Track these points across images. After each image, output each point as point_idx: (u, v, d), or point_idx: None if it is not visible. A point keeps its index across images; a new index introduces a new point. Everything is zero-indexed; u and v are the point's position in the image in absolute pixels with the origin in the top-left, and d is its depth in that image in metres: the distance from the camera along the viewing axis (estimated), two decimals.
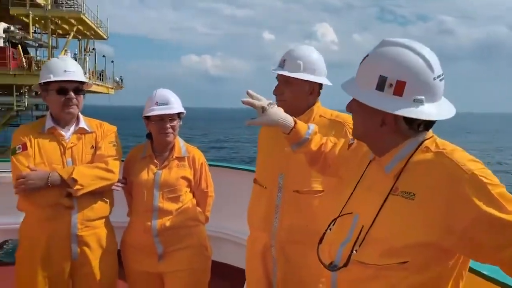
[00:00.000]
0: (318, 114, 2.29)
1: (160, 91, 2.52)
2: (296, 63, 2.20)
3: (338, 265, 1.40)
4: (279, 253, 2.27)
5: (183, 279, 2.53)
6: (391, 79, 1.32)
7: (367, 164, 1.53)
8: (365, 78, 1.37)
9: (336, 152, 1.88)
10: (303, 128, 1.93)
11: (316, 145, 1.93)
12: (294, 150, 1.98)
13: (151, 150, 2.57)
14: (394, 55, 1.34)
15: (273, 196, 2.27)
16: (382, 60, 1.35)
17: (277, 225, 2.26)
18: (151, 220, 2.48)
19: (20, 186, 2.30)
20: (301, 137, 1.92)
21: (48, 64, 2.56)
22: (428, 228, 1.26)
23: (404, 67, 1.32)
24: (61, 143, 2.46)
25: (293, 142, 1.95)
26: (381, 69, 1.33)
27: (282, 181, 2.24)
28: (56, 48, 30.76)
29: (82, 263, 2.45)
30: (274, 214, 2.26)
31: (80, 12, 28.13)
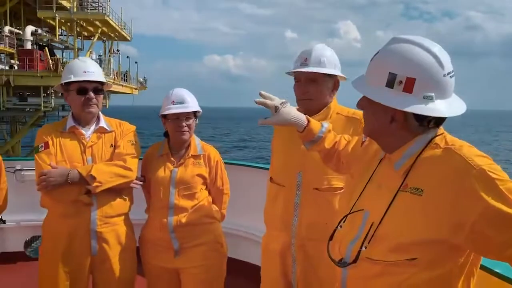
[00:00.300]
0: (335, 111, 2.30)
1: (177, 90, 2.57)
2: (321, 60, 2.22)
3: (348, 262, 1.41)
4: (299, 251, 2.28)
5: (198, 275, 2.58)
6: (400, 76, 1.32)
7: (378, 162, 1.54)
8: (375, 75, 1.38)
9: (349, 150, 1.89)
10: (316, 126, 1.95)
11: (330, 143, 1.94)
12: (308, 148, 2.00)
13: (168, 148, 2.63)
14: (403, 52, 1.34)
15: (292, 194, 2.27)
16: (391, 57, 1.35)
17: (296, 223, 2.27)
18: (167, 217, 2.54)
19: (42, 183, 2.38)
20: (314, 135, 1.95)
21: (69, 65, 2.64)
22: (437, 224, 1.26)
23: (413, 64, 1.32)
24: (81, 141, 2.54)
25: (307, 140, 1.97)
26: (390, 66, 1.34)
27: (301, 179, 2.25)
28: (82, 50, 31.39)
29: (102, 259, 2.52)
30: (293, 212, 2.27)
31: (104, 14, 28.59)
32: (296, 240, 2.28)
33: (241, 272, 3.45)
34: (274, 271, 2.39)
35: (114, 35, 32.58)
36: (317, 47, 2.26)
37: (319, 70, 2.22)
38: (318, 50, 2.25)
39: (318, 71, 2.22)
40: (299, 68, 2.24)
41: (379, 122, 1.42)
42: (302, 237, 2.26)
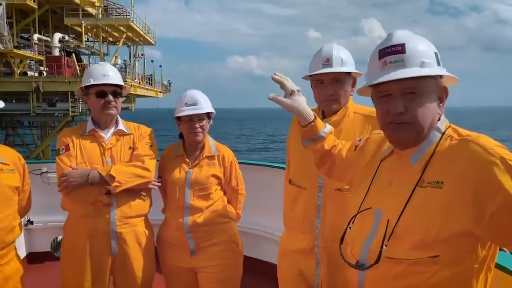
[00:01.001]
0: (352, 110, 2.28)
1: (190, 92, 2.62)
2: (342, 60, 2.20)
3: (366, 263, 1.38)
4: (323, 253, 2.25)
5: (214, 274, 2.61)
6: (437, 53, 1.40)
7: (378, 162, 1.53)
8: (423, 58, 1.36)
9: (342, 155, 1.85)
10: (320, 125, 1.93)
11: (329, 145, 1.91)
12: (305, 145, 1.96)
13: (183, 150, 2.68)
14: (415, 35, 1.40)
15: (314, 196, 2.25)
16: (423, 41, 1.40)
17: (320, 225, 2.24)
18: (183, 217, 2.58)
19: (63, 184, 2.46)
20: (316, 132, 1.91)
21: (88, 69, 2.73)
22: (460, 214, 1.26)
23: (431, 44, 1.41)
24: (101, 144, 2.61)
25: (307, 137, 1.94)
26: (432, 48, 1.40)
27: (323, 181, 2.22)
28: (107, 55, 32.03)
29: (122, 259, 2.57)
30: (315, 214, 2.25)
31: (129, 19, 29.11)
32: (320, 242, 2.25)
33: (259, 271, 3.47)
34: (293, 272, 2.36)
35: (138, 39, 33.12)
36: (335, 47, 2.24)
37: (345, 69, 2.20)
38: (337, 49, 2.23)
39: (344, 71, 2.20)
40: (324, 70, 2.18)
41: (434, 109, 1.39)
42: (326, 238, 2.23)
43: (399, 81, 1.34)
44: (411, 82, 1.34)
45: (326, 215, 2.23)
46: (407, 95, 1.36)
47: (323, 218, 2.24)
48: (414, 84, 1.34)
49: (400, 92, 1.36)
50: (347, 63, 2.22)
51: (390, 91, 1.38)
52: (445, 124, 1.42)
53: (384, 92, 1.40)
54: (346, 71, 2.20)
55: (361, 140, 1.76)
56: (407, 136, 1.38)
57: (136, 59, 33.31)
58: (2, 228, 2.18)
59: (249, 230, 3.45)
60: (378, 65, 1.40)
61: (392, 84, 1.35)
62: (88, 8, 28.07)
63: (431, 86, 1.37)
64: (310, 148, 1.95)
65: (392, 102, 1.37)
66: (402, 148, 1.44)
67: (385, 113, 1.40)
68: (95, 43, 31.91)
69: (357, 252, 1.43)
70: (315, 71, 2.20)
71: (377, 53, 1.41)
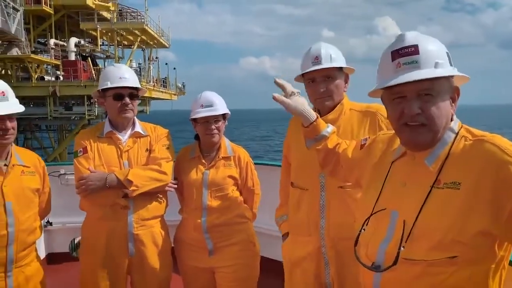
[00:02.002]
0: (348, 108, 2.28)
1: (205, 93, 2.63)
2: (331, 56, 2.22)
3: (383, 265, 1.37)
4: (331, 252, 2.26)
5: (232, 274, 2.63)
6: (448, 53, 1.40)
7: (389, 164, 1.52)
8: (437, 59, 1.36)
9: (348, 155, 1.84)
10: (323, 125, 1.94)
11: (333, 144, 1.92)
12: (309, 146, 1.98)
13: (199, 151, 2.69)
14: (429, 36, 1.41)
15: (316, 196, 2.26)
16: (436, 41, 1.40)
17: (324, 225, 2.25)
18: (200, 218, 2.60)
19: (81, 187, 2.49)
20: (319, 132, 1.93)
21: (105, 72, 2.74)
22: (478, 215, 1.26)
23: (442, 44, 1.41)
24: (118, 146, 2.63)
25: (310, 137, 1.96)
26: (444, 48, 1.40)
27: (324, 180, 2.23)
28: (122, 58, 32.36)
29: (139, 260, 2.60)
30: (319, 215, 2.25)
31: (143, 23, 29.36)
32: (326, 242, 2.26)
33: (275, 271, 3.47)
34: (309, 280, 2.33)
35: (153, 42, 33.39)
36: (323, 45, 2.26)
37: (335, 65, 2.22)
38: (326, 47, 2.25)
39: (334, 66, 2.22)
40: (314, 67, 2.22)
41: (448, 109, 1.39)
42: (332, 237, 2.24)
43: (415, 83, 1.33)
44: (427, 83, 1.33)
45: (330, 214, 2.24)
46: (423, 97, 1.35)
47: (327, 217, 2.24)
48: (429, 85, 1.34)
49: (415, 94, 1.35)
50: (337, 59, 2.24)
51: (405, 93, 1.37)
52: (458, 124, 1.42)
53: (398, 94, 1.38)
54: (335, 66, 2.22)
55: (367, 140, 1.76)
56: (424, 139, 1.37)
57: (150, 62, 33.59)
58: (23, 229, 2.23)
59: (265, 230, 3.46)
60: (391, 66, 1.39)
61: (407, 86, 1.34)
62: (103, 13, 28.42)
63: (445, 86, 1.37)
64: (314, 148, 1.96)
65: (407, 103, 1.36)
66: (417, 150, 1.43)
67: (399, 115, 1.39)
68: (110, 47, 32.29)
69: (373, 254, 1.42)
70: (306, 70, 2.23)
71: (389, 54, 1.40)
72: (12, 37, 23.24)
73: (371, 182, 1.57)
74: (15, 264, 2.22)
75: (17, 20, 23.41)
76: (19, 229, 2.20)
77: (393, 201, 1.44)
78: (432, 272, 1.30)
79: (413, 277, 1.33)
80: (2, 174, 2.21)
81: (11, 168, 2.24)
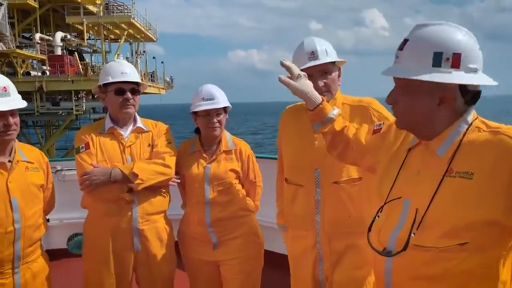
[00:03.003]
0: (341, 101, 2.30)
1: (206, 86, 2.64)
2: (327, 51, 2.25)
3: (394, 251, 1.40)
4: (326, 248, 2.29)
5: (237, 266, 2.66)
6: (446, 53, 1.35)
7: (406, 152, 1.55)
8: (417, 59, 1.38)
9: (360, 139, 1.85)
10: (329, 107, 1.94)
11: (340, 126, 1.92)
12: (316, 129, 1.96)
13: (199, 145, 2.70)
14: (440, 31, 1.38)
15: (311, 192, 2.27)
16: (431, 38, 1.38)
17: (320, 220, 2.27)
18: (204, 212, 2.61)
19: (85, 182, 2.49)
20: (325, 114, 1.92)
21: (106, 67, 2.73)
22: (490, 206, 1.29)
23: (456, 40, 1.37)
24: (120, 142, 2.63)
25: (316, 120, 1.94)
26: (433, 46, 1.36)
27: (319, 176, 2.25)
28: (109, 52, 32.06)
29: (144, 255, 2.60)
30: (315, 210, 2.27)
31: (130, 16, 29.09)
32: (321, 238, 2.29)
33: (277, 264, 3.51)
34: (303, 271, 2.39)
35: (140, 36, 33.13)
36: (316, 40, 2.28)
37: (332, 59, 2.25)
38: (319, 42, 2.27)
39: (331, 61, 2.24)
40: (312, 63, 2.21)
41: (425, 108, 1.41)
42: (327, 233, 2.27)
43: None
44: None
45: (325, 210, 2.26)
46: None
47: (322, 213, 2.26)
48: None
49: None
50: (331, 54, 2.27)
51: None
52: (473, 115, 1.43)
53: None
54: (333, 60, 2.25)
55: (381, 125, 1.78)
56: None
57: (138, 56, 33.31)
58: (29, 225, 2.23)
59: (267, 223, 3.49)
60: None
61: None
62: (89, 6, 28.09)
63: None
64: (321, 131, 1.95)
65: None
66: (427, 140, 1.47)
67: None
68: (97, 41, 31.96)
69: (385, 240, 1.45)
70: (303, 66, 2.20)
71: None
72: None
73: (387, 170, 1.59)
74: (22, 260, 2.22)
75: (1, 14, 23.05)
76: (25, 225, 2.20)
77: (407, 189, 1.46)
78: (442, 257, 1.33)
79: (423, 263, 1.36)
80: (7, 170, 2.20)
81: (15, 164, 2.23)
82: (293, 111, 2.47)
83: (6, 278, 2.18)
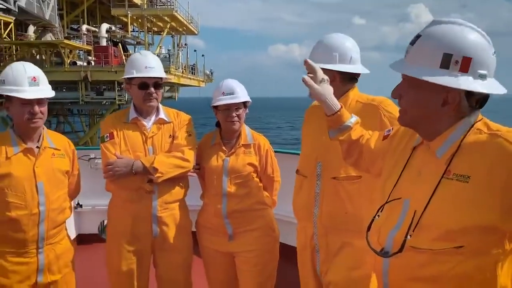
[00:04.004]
0: (354, 99, 2.29)
1: (226, 81, 2.70)
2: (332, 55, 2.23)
3: (390, 251, 1.41)
4: (322, 240, 2.32)
5: (252, 259, 2.71)
6: (456, 56, 1.33)
7: (411, 149, 1.54)
8: (425, 57, 1.36)
9: (370, 146, 1.84)
10: (347, 115, 1.92)
11: (357, 135, 1.90)
12: (332, 136, 1.95)
13: (219, 138, 2.76)
14: (455, 32, 1.35)
15: (313, 184, 2.31)
16: (444, 38, 1.35)
17: (318, 212, 2.31)
18: (221, 203, 2.68)
19: (109, 173, 2.60)
20: (342, 122, 1.90)
21: (131, 59, 2.80)
22: (486, 210, 1.26)
23: (469, 43, 1.33)
24: (143, 132, 2.72)
25: (333, 127, 1.93)
26: (445, 47, 1.34)
27: (320, 169, 2.28)
28: (152, 44, 32.71)
29: (162, 240, 2.71)
30: (314, 202, 2.32)
31: (172, 9, 29.58)
32: (318, 230, 2.32)
33: (295, 258, 3.54)
34: (304, 262, 2.44)
35: (182, 29, 33.61)
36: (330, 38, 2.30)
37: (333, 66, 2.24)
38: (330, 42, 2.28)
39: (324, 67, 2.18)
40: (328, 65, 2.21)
41: (428, 107, 1.40)
42: (324, 226, 2.30)
43: None
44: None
45: (323, 203, 2.29)
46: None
47: (320, 206, 2.29)
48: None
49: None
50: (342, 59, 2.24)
51: None
52: (476, 117, 1.40)
53: None
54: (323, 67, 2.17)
55: (391, 131, 1.77)
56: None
57: (179, 49, 33.84)
58: (54, 208, 2.35)
59: (285, 217, 3.51)
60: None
61: None
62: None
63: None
64: (337, 139, 1.95)
65: None
66: (428, 139, 1.45)
67: None
68: (140, 33, 32.71)
69: (383, 240, 1.45)
70: None
71: None
72: (47, 23, 23.85)
73: (392, 168, 1.58)
74: (46, 241, 2.35)
75: (51, 6, 23.98)
76: (49, 208, 2.33)
77: (408, 190, 1.46)
78: (438, 260, 1.32)
79: (419, 265, 1.36)
80: (34, 155, 2.33)
81: (42, 150, 2.36)
82: (316, 108, 2.48)
83: (31, 258, 2.32)
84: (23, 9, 20.38)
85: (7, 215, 2.24)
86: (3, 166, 2.26)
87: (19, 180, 2.26)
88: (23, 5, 20.16)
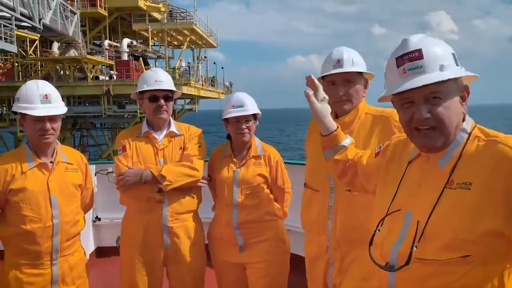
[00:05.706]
0: (364, 111, 2.30)
1: (237, 94, 2.76)
2: (353, 61, 2.25)
3: (396, 265, 1.40)
4: (335, 253, 2.30)
5: (262, 269, 2.71)
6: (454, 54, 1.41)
7: (406, 164, 1.54)
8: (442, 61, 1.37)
9: (363, 164, 1.85)
10: (341, 136, 1.96)
11: (351, 155, 1.92)
12: (327, 157, 1.98)
13: (230, 150, 2.80)
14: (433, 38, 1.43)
15: (326, 198, 2.30)
16: (441, 43, 1.42)
17: (331, 226, 2.29)
18: (231, 214, 2.70)
19: (120, 182, 2.67)
20: (338, 142, 1.94)
21: (142, 76, 2.93)
22: (490, 215, 1.27)
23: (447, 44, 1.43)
24: (154, 145, 2.79)
25: (328, 147, 1.97)
26: (449, 49, 1.41)
27: (333, 183, 2.27)
28: (172, 58, 33.21)
29: (174, 252, 2.74)
30: (328, 216, 2.30)
31: (192, 23, 30.01)
32: (332, 243, 2.30)
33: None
34: (316, 275, 2.42)
35: (201, 42, 34.02)
36: (345, 49, 2.29)
37: (356, 69, 2.24)
38: (348, 51, 2.28)
39: (355, 71, 2.24)
40: (335, 70, 2.24)
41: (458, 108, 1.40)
42: (338, 239, 2.28)
43: (421, 88, 1.35)
44: (433, 87, 1.35)
45: (337, 216, 2.27)
46: (431, 100, 1.37)
47: (334, 219, 2.28)
48: (436, 89, 1.35)
49: (423, 98, 1.37)
50: (358, 64, 2.26)
51: (413, 98, 1.39)
52: (471, 124, 1.42)
53: (407, 99, 1.41)
54: (356, 70, 2.24)
55: (381, 147, 1.77)
56: (435, 142, 1.40)
57: (199, 62, 34.23)
58: (67, 221, 2.41)
59: (297, 228, 3.50)
60: (396, 73, 1.42)
61: (415, 91, 1.37)
62: (154, 14, 29.33)
63: (452, 87, 1.38)
64: (332, 159, 1.97)
65: (416, 108, 1.38)
66: (431, 152, 1.45)
67: (409, 120, 1.41)
68: (161, 47, 33.22)
69: (387, 254, 1.44)
70: (328, 72, 2.25)
71: (394, 60, 1.42)
72: (70, 39, 24.51)
73: (387, 183, 1.59)
74: (60, 253, 2.40)
75: (74, 22, 24.66)
76: (63, 220, 2.39)
77: (408, 202, 1.45)
78: (445, 271, 1.31)
79: (426, 276, 1.35)
80: (48, 170, 2.40)
81: (56, 165, 2.43)
82: None
83: (45, 269, 2.38)
84: (47, 27, 21.02)
85: (22, 228, 2.31)
86: (18, 180, 2.33)
87: (33, 194, 2.33)
88: (47, 22, 20.78)
